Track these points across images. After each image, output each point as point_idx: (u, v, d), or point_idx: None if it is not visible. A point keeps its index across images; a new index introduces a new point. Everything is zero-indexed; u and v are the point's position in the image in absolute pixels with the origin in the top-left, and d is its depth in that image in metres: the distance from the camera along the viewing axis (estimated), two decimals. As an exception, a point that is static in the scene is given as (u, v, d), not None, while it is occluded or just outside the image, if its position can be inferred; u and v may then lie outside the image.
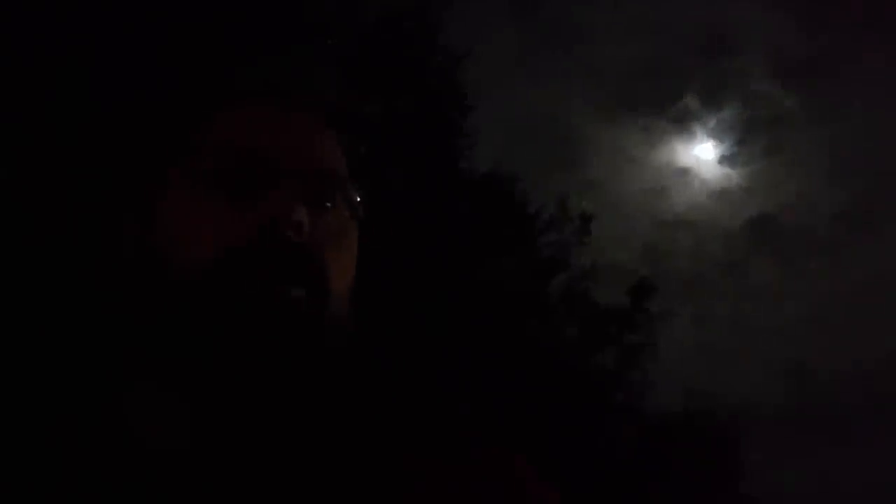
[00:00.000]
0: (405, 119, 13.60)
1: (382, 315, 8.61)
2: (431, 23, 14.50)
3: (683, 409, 22.49)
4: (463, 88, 15.13)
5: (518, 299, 15.38)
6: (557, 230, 19.08)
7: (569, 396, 15.60)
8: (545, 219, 18.82)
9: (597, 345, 19.70)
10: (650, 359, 20.29)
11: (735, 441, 23.19)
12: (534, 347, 14.97)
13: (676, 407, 22.45)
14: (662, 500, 19.26)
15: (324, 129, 0.66)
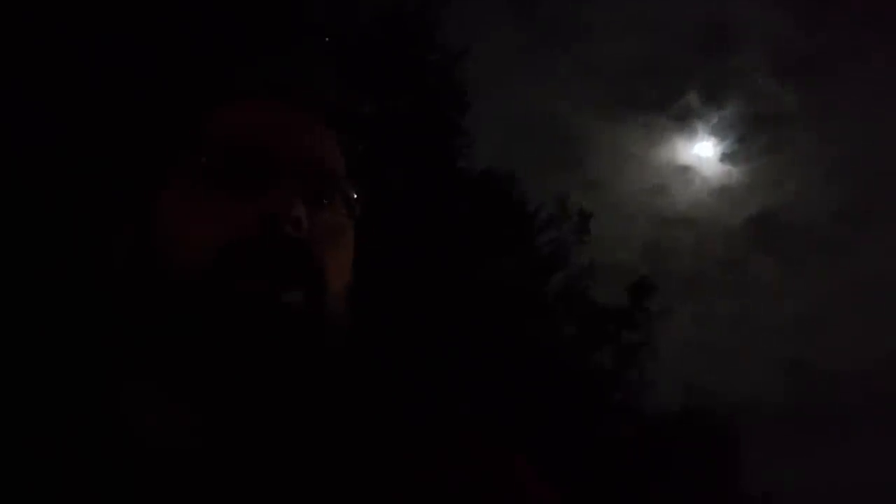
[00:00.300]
0: (403, 118, 13.61)
1: (381, 314, 8.62)
2: (430, 21, 14.53)
3: (683, 408, 22.56)
4: (461, 87, 15.18)
5: (517, 298, 15.39)
6: (556, 228, 19.13)
7: (567, 395, 15.61)
8: (544, 217, 18.87)
9: (595, 344, 19.73)
10: (649, 357, 20.36)
11: (734, 439, 23.24)
12: (532, 346, 14.98)
13: (676, 405, 22.54)
14: (662, 499, 19.28)
15: (322, 127, 0.66)
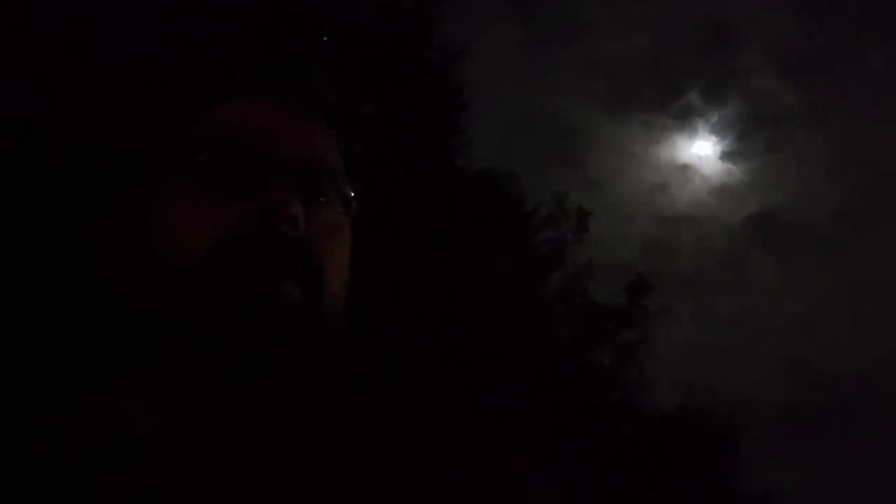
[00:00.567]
0: (401, 117, 13.62)
1: (379, 313, 8.63)
2: (428, 19, 14.54)
3: (683, 407, 22.56)
4: (459, 86, 15.19)
5: (515, 297, 15.40)
6: (555, 227, 19.13)
7: (566, 394, 15.62)
8: (542, 216, 18.86)
9: (594, 342, 19.74)
10: (648, 356, 20.38)
11: (734, 438, 23.26)
12: (531, 346, 14.99)
13: (676, 404, 22.54)
14: (661, 499, 19.30)
15: (319, 124, 0.65)
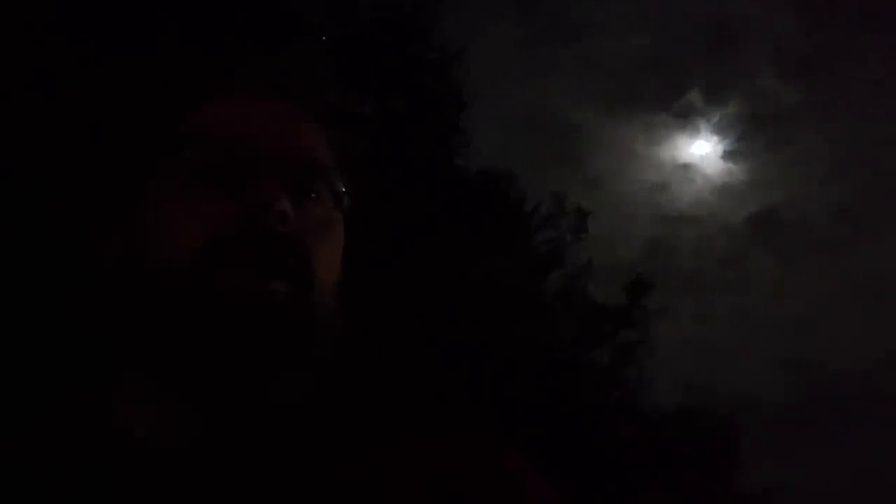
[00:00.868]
0: (401, 116, 13.63)
1: (377, 313, 8.63)
2: (428, 19, 14.55)
3: (682, 406, 22.59)
4: (459, 86, 15.20)
5: (514, 297, 15.40)
6: (554, 227, 19.14)
7: (565, 394, 15.64)
8: (542, 216, 18.87)
9: (593, 342, 19.76)
10: (647, 355, 20.41)
11: (734, 438, 23.28)
12: (530, 345, 14.99)
13: (675, 404, 22.57)
14: (661, 498, 19.32)
15: (308, 119, 0.65)
